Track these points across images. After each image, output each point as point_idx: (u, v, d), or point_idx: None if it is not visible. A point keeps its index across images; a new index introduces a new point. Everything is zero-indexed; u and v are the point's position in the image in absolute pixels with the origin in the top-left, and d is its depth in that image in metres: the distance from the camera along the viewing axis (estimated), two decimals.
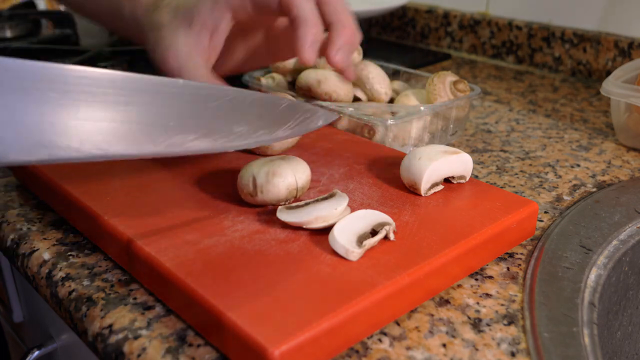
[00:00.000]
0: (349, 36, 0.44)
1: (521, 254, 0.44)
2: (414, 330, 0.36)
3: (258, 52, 0.51)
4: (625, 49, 0.83)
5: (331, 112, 0.40)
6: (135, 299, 0.39)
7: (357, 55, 0.65)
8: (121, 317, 0.37)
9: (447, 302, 0.39)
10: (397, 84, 0.65)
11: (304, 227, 0.40)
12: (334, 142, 0.54)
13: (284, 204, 0.42)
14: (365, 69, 0.61)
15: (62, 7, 1.32)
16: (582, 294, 0.40)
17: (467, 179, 0.47)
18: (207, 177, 0.47)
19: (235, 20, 0.45)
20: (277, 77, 0.65)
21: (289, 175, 0.41)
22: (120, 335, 0.35)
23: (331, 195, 0.42)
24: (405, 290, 0.36)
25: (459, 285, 0.40)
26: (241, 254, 0.38)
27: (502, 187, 0.54)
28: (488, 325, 0.37)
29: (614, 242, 0.46)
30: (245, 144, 0.34)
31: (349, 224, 0.39)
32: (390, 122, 0.54)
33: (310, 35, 0.42)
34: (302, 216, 0.40)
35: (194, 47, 0.44)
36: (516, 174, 0.57)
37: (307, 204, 0.41)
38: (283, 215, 0.40)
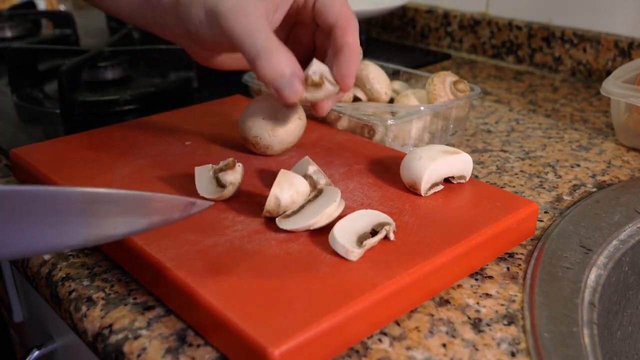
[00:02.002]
0: (340, 95, 0.46)
1: (521, 254, 0.44)
2: (414, 330, 0.36)
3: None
4: (625, 49, 0.83)
5: (200, 202, 0.36)
6: (135, 299, 0.39)
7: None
8: (121, 317, 0.37)
9: (447, 302, 0.39)
10: (397, 84, 0.65)
11: (311, 228, 0.40)
12: (334, 142, 0.54)
13: (283, 214, 0.41)
14: (365, 69, 0.61)
15: (62, 7, 1.32)
16: (582, 294, 0.40)
17: (467, 179, 0.47)
18: None
19: (292, 9, 0.46)
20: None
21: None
22: (120, 335, 0.35)
23: (319, 192, 0.42)
24: (405, 290, 0.36)
25: (459, 285, 0.40)
26: (241, 254, 0.38)
27: (502, 187, 0.54)
28: (488, 325, 0.37)
29: (614, 242, 0.46)
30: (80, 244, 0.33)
31: (349, 224, 0.39)
32: (390, 122, 0.54)
33: (354, 68, 0.44)
34: (306, 219, 0.39)
35: (264, 15, 0.42)
36: (516, 174, 0.57)
37: (302, 207, 0.41)
38: (285, 224, 0.40)
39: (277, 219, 0.40)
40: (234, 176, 0.43)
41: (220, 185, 0.44)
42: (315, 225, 0.39)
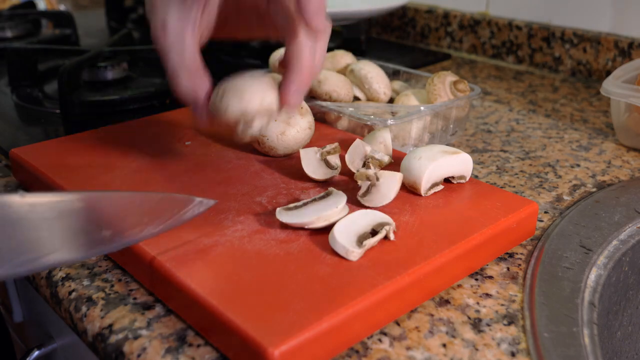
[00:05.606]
0: (303, 81, 0.44)
1: (521, 254, 0.44)
2: (414, 330, 0.36)
3: (250, 21, 0.49)
4: (625, 49, 0.83)
5: (207, 200, 0.38)
6: (135, 299, 0.39)
7: (352, 57, 0.66)
8: (121, 317, 0.37)
9: (447, 302, 0.39)
10: (397, 84, 0.65)
11: (306, 227, 0.40)
12: (334, 142, 0.54)
13: (284, 207, 0.42)
14: (364, 68, 0.61)
15: (62, 7, 1.32)
16: (582, 294, 0.40)
17: (467, 179, 0.47)
18: (206, 177, 0.47)
19: None
20: (277, 77, 0.65)
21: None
22: (120, 335, 0.35)
23: (327, 194, 0.42)
24: (405, 290, 0.36)
25: (459, 285, 0.40)
26: (241, 253, 0.38)
27: (502, 187, 0.54)
28: (488, 325, 0.37)
29: (614, 242, 0.46)
30: (111, 249, 0.33)
31: (349, 224, 0.39)
32: (390, 122, 0.54)
33: (297, 83, 0.42)
34: (304, 217, 0.40)
35: (185, 26, 0.42)
36: (516, 174, 0.57)
37: (305, 204, 0.41)
38: (283, 216, 0.40)
39: (277, 210, 0.41)
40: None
41: (330, 167, 0.47)
42: (310, 225, 0.39)
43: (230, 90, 0.41)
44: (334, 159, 0.48)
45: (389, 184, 0.43)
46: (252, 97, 0.41)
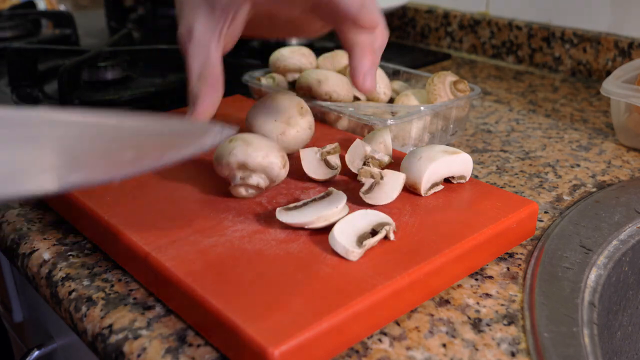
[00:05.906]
0: (367, 65, 0.43)
1: (521, 254, 0.44)
2: (414, 330, 0.36)
3: (278, 27, 0.49)
4: (625, 49, 0.83)
5: (227, 129, 0.38)
6: (135, 299, 0.39)
7: None
8: (121, 317, 0.37)
9: (447, 302, 0.39)
10: (397, 84, 0.65)
11: (306, 227, 0.40)
12: (334, 142, 0.54)
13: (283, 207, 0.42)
14: None
15: (62, 7, 1.32)
16: (582, 294, 0.40)
17: (467, 179, 0.47)
18: (206, 177, 0.47)
19: (255, 9, 0.43)
20: (277, 77, 0.65)
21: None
22: (120, 335, 0.35)
23: (327, 194, 0.42)
24: (405, 290, 0.36)
25: (459, 285, 0.40)
26: (241, 254, 0.38)
27: (502, 187, 0.54)
28: (488, 325, 0.37)
29: (614, 242, 0.46)
30: (132, 172, 0.32)
31: (349, 224, 0.39)
32: (390, 122, 0.54)
33: (363, 67, 0.41)
34: (304, 217, 0.40)
35: (212, 36, 0.42)
36: (516, 174, 0.57)
37: (305, 204, 0.41)
38: (283, 216, 0.40)
39: (277, 210, 0.41)
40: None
41: (330, 167, 0.47)
42: (311, 225, 0.39)
43: (240, 139, 0.43)
44: (334, 159, 0.48)
45: (393, 184, 0.43)
46: (258, 148, 0.43)
